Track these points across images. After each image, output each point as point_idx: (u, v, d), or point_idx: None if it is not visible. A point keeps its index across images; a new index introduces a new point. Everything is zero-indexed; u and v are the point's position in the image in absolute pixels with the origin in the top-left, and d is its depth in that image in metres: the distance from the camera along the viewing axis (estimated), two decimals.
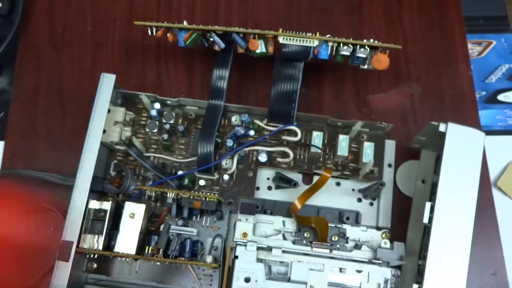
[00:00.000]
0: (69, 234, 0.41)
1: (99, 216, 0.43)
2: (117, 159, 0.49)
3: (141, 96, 0.47)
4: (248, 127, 0.48)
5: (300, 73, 0.47)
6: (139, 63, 0.55)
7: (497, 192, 0.51)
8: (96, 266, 0.46)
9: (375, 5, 0.57)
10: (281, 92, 0.47)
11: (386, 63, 0.45)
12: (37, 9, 0.56)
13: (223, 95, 0.48)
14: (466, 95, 0.53)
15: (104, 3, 0.57)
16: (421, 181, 0.48)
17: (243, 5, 0.57)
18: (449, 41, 0.55)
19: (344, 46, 0.45)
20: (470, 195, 0.41)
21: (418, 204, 0.47)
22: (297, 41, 0.45)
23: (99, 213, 0.43)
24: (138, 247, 0.43)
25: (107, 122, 0.45)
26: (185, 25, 0.46)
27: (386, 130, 0.49)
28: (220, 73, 0.48)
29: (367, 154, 0.47)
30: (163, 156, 0.49)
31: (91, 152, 0.43)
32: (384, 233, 0.45)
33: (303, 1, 0.57)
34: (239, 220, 0.44)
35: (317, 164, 0.48)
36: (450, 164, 0.41)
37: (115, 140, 0.46)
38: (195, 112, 0.50)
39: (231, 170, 0.48)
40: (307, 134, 0.49)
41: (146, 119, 0.49)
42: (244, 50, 0.47)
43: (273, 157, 0.48)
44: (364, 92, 0.53)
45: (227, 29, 0.45)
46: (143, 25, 0.47)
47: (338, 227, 0.45)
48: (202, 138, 0.46)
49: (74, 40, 0.55)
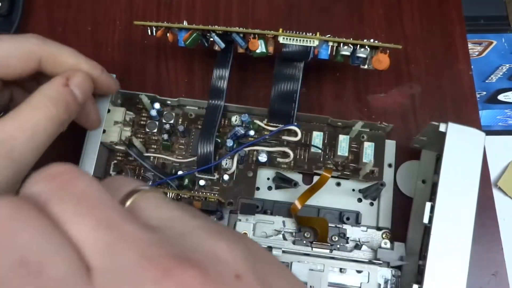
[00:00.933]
0: None
1: None
2: (117, 159, 0.49)
3: (141, 96, 0.47)
4: (248, 127, 0.48)
5: (300, 73, 0.47)
6: (139, 63, 0.55)
7: (497, 192, 0.51)
8: None
9: (375, 5, 0.57)
10: (281, 92, 0.47)
11: (386, 63, 0.45)
12: (37, 9, 0.56)
13: (223, 95, 0.47)
14: (467, 95, 0.53)
15: (104, 3, 0.57)
16: (421, 181, 0.48)
17: (243, 5, 0.57)
18: (450, 41, 0.55)
19: (344, 46, 0.45)
20: (471, 195, 0.41)
21: (418, 204, 0.47)
22: (297, 41, 0.45)
23: None
24: None
25: (106, 122, 0.45)
26: (185, 25, 0.46)
27: (386, 130, 0.48)
28: (220, 73, 0.48)
29: (367, 154, 0.47)
30: (163, 156, 0.49)
31: (91, 152, 0.43)
32: (385, 233, 0.45)
33: (303, 1, 0.57)
34: (239, 220, 0.44)
35: (317, 164, 0.48)
36: (450, 164, 0.41)
37: (115, 140, 0.46)
38: (195, 112, 0.50)
39: (231, 170, 0.48)
40: (307, 134, 0.49)
41: (146, 119, 0.49)
42: (244, 50, 0.47)
43: (273, 157, 0.48)
44: (364, 92, 0.53)
45: (227, 29, 0.45)
46: (143, 25, 0.47)
47: (338, 227, 0.45)
48: (202, 138, 0.46)
49: (74, 40, 0.55)
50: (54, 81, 0.38)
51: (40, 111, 0.35)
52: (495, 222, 0.49)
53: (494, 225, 0.49)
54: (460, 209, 0.40)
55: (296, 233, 0.44)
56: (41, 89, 0.37)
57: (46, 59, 0.39)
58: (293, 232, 0.44)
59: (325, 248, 0.44)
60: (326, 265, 0.43)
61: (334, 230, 0.44)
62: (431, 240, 0.40)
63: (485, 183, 0.50)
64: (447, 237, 0.40)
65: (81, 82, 0.39)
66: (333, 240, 0.44)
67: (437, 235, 0.40)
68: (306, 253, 0.43)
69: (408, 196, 0.49)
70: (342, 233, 0.44)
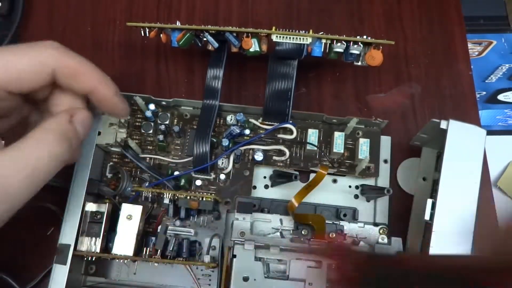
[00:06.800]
0: (66, 237, 0.41)
1: (96, 218, 0.43)
2: (113, 161, 0.49)
3: (135, 98, 0.47)
4: (244, 126, 0.48)
5: (294, 71, 0.47)
6: (139, 63, 0.55)
7: (497, 192, 0.51)
8: (94, 269, 0.46)
9: (375, 5, 0.57)
10: (275, 91, 0.47)
11: (379, 59, 0.45)
12: (37, 9, 0.56)
13: (217, 95, 0.47)
14: (466, 95, 0.53)
15: (104, 3, 0.57)
16: (422, 178, 0.48)
17: (243, 5, 0.57)
18: (449, 41, 0.55)
19: (338, 43, 0.45)
20: (472, 192, 0.41)
21: (419, 201, 0.47)
22: (290, 39, 0.45)
23: (96, 216, 0.43)
24: (136, 249, 0.43)
25: (102, 124, 0.45)
26: (177, 25, 0.46)
27: (381, 126, 0.49)
28: (214, 72, 0.48)
29: (363, 150, 0.47)
30: (159, 157, 0.49)
31: (86, 154, 0.43)
32: (382, 229, 0.45)
33: (303, 1, 0.57)
34: (236, 219, 0.44)
35: (313, 162, 0.48)
36: (451, 161, 0.41)
37: (110, 142, 0.46)
38: (190, 112, 0.50)
39: (227, 170, 0.48)
40: (303, 132, 0.49)
41: (141, 120, 0.49)
42: (238, 49, 0.47)
43: (269, 155, 0.48)
44: (364, 92, 0.53)
45: (220, 28, 0.45)
46: (135, 25, 0.47)
47: (335, 224, 0.45)
48: (198, 138, 0.46)
49: (74, 40, 0.55)
50: (58, 117, 0.36)
51: (44, 148, 0.33)
52: (495, 222, 0.49)
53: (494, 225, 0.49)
54: (461, 205, 0.40)
55: (294, 230, 0.44)
56: (45, 124, 0.35)
57: (61, 72, 0.36)
58: (291, 230, 0.44)
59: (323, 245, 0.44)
60: (324, 262, 0.43)
61: (331, 226, 0.44)
62: (432, 236, 0.40)
63: (485, 183, 0.50)
64: (448, 234, 0.40)
65: (85, 119, 0.37)
66: (330, 237, 0.44)
67: (438, 232, 0.40)
68: None
69: (407, 192, 0.49)
70: (339, 230, 0.44)
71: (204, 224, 0.47)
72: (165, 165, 0.49)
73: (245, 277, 0.42)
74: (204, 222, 0.47)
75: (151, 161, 0.49)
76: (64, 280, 0.40)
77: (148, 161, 0.49)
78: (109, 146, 0.47)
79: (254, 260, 0.43)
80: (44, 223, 0.49)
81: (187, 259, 0.45)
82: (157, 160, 0.49)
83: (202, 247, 0.47)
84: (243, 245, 0.43)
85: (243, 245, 0.43)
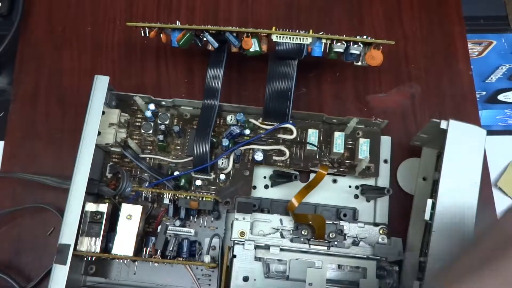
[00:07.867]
0: (66, 237, 0.41)
1: (96, 218, 0.43)
2: (113, 161, 0.49)
3: (135, 98, 0.47)
4: (244, 126, 0.48)
5: (294, 71, 0.47)
6: (139, 63, 0.55)
7: (497, 192, 0.51)
8: (94, 269, 0.46)
9: (375, 5, 0.57)
10: (275, 91, 0.47)
11: (379, 59, 0.45)
12: (37, 9, 0.56)
13: (217, 95, 0.47)
14: (467, 95, 0.53)
15: (104, 3, 0.57)
16: (422, 178, 0.48)
17: (243, 5, 0.57)
18: (449, 41, 0.55)
19: (338, 43, 0.45)
20: (472, 192, 0.41)
21: (419, 201, 0.47)
22: (290, 39, 0.45)
23: (96, 216, 0.43)
24: (136, 249, 0.43)
25: (101, 124, 0.45)
26: (177, 25, 0.46)
27: (381, 126, 0.49)
28: (214, 72, 0.48)
29: (363, 150, 0.47)
30: (159, 157, 0.49)
31: (86, 154, 0.43)
32: (382, 229, 0.45)
33: (303, 1, 0.57)
34: (236, 219, 0.44)
35: (313, 162, 0.48)
36: (451, 161, 0.41)
37: (110, 142, 0.46)
38: (190, 112, 0.50)
39: (227, 170, 0.48)
40: (303, 132, 0.49)
41: (141, 120, 0.49)
42: (238, 49, 0.47)
43: (269, 155, 0.48)
44: (364, 92, 0.53)
45: (220, 28, 0.45)
46: (135, 26, 0.47)
47: (335, 224, 0.45)
48: (198, 138, 0.46)
49: (74, 40, 0.55)
50: None
51: None
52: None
53: None
54: (461, 205, 0.40)
55: (294, 230, 0.44)
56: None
57: None
58: (291, 230, 0.44)
59: (322, 245, 0.44)
60: (324, 262, 0.43)
61: (331, 227, 0.44)
62: (432, 236, 0.40)
63: (485, 183, 0.50)
64: (448, 233, 0.40)
65: None
66: (330, 237, 0.44)
67: (439, 232, 0.40)
68: (304, 251, 0.43)
69: (407, 192, 0.49)
70: (339, 230, 0.44)
71: (204, 224, 0.47)
72: (165, 165, 0.49)
73: (245, 277, 0.42)
74: (204, 222, 0.47)
75: (151, 161, 0.49)
76: (64, 280, 0.40)
77: (148, 161, 0.49)
78: (109, 146, 0.47)
79: (254, 260, 0.43)
80: (44, 223, 0.49)
81: (187, 259, 0.45)
82: (157, 160, 0.49)
83: (202, 247, 0.47)
84: (243, 245, 0.43)
85: (243, 245, 0.43)
